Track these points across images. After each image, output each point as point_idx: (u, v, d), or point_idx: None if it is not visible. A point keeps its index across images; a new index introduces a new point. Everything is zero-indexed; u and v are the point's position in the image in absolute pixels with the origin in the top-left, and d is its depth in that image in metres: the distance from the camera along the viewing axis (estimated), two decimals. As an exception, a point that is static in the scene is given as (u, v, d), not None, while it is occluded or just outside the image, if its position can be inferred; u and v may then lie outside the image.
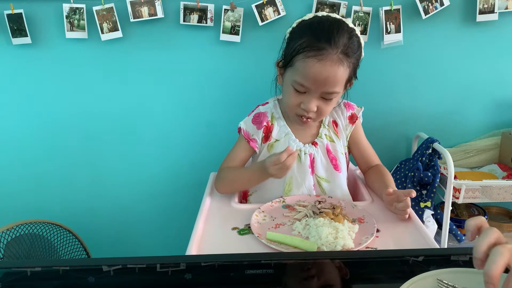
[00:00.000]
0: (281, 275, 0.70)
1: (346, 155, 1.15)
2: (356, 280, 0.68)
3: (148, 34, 1.44)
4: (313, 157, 1.08)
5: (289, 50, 0.97)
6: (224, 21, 1.39)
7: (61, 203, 1.64)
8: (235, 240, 0.85)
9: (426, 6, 1.36)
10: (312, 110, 0.98)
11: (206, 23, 1.39)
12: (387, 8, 1.38)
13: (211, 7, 1.38)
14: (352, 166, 1.24)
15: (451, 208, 1.37)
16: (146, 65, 1.48)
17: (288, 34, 1.00)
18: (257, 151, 1.11)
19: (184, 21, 1.39)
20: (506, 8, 1.39)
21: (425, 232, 0.84)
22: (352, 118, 1.13)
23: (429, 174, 1.37)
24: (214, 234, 0.88)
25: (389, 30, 1.40)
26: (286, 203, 1.01)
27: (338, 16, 0.97)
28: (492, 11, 1.39)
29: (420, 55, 1.47)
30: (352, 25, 0.96)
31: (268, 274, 0.68)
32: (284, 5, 1.37)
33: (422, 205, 1.37)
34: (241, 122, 1.12)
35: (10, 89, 1.50)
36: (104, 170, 1.61)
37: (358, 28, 0.98)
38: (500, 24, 1.43)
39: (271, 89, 1.11)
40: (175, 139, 1.58)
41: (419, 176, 1.38)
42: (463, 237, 1.41)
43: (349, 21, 0.96)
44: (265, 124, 1.09)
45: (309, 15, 0.98)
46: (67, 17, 1.38)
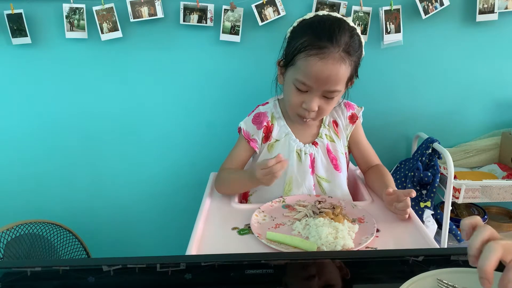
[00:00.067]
0: (281, 275, 0.70)
1: (346, 155, 1.15)
2: (356, 280, 0.68)
3: (148, 34, 1.44)
4: (314, 157, 1.08)
5: (291, 49, 0.97)
6: (224, 21, 1.39)
7: (61, 203, 1.64)
8: (235, 240, 0.85)
9: (426, 6, 1.36)
10: (314, 110, 0.98)
11: (206, 23, 1.39)
12: (387, 8, 1.38)
13: (211, 7, 1.38)
14: (352, 166, 1.24)
15: (451, 208, 1.37)
16: (146, 65, 1.48)
17: (289, 33, 1.00)
18: (257, 151, 1.11)
19: (184, 21, 1.39)
20: (506, 8, 1.39)
21: (425, 232, 0.84)
22: (352, 118, 1.13)
23: (429, 174, 1.37)
24: (214, 234, 0.88)
25: (389, 30, 1.40)
26: (286, 203, 1.01)
27: (339, 15, 0.97)
28: (492, 11, 1.39)
29: (420, 55, 1.47)
30: (353, 24, 0.96)
31: (268, 274, 0.68)
32: (284, 5, 1.37)
33: (422, 205, 1.37)
34: (241, 122, 1.12)
35: (10, 89, 1.50)
36: (104, 170, 1.61)
37: (359, 28, 0.98)
38: (500, 24, 1.43)
39: (272, 89, 1.11)
40: (175, 139, 1.58)
41: (419, 176, 1.38)
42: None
43: (350, 20, 0.96)
44: (265, 124, 1.09)
45: (310, 14, 0.98)
46: (67, 17, 1.38)
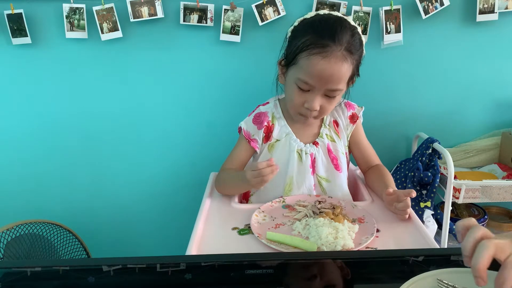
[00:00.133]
0: (281, 275, 0.70)
1: (347, 155, 1.15)
2: (356, 280, 0.68)
3: (148, 34, 1.43)
4: (314, 157, 1.08)
5: (292, 48, 0.96)
6: (224, 21, 1.39)
7: (61, 203, 1.64)
8: (235, 240, 0.85)
9: (426, 6, 1.36)
10: (316, 109, 0.98)
11: (206, 23, 1.39)
12: (387, 8, 1.38)
13: (211, 7, 1.38)
14: (352, 166, 1.24)
15: (451, 208, 1.37)
16: (146, 65, 1.48)
17: (290, 33, 1.00)
18: (258, 151, 1.11)
19: (184, 21, 1.38)
20: (506, 8, 1.39)
21: (425, 232, 0.84)
22: (353, 118, 1.13)
23: (429, 174, 1.36)
24: (214, 234, 0.88)
25: (389, 30, 1.40)
26: (286, 203, 1.01)
27: (340, 14, 0.98)
28: (492, 11, 1.39)
29: (420, 55, 1.47)
30: (353, 23, 0.96)
31: (268, 274, 0.68)
32: (284, 5, 1.37)
33: (422, 205, 1.37)
34: (242, 122, 1.12)
35: (10, 89, 1.50)
36: (104, 170, 1.61)
37: (359, 27, 0.98)
38: (500, 24, 1.43)
39: (272, 89, 1.10)
40: (175, 139, 1.57)
41: (419, 176, 1.38)
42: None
43: (350, 19, 0.96)
44: (266, 124, 1.09)
45: (311, 14, 0.98)
46: (67, 17, 1.37)
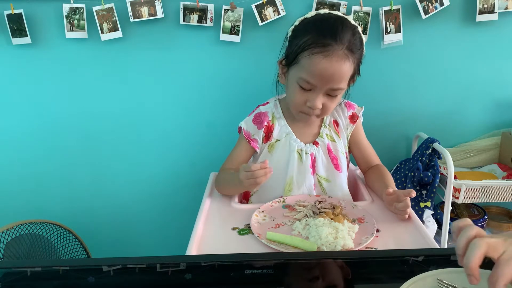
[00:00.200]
0: (281, 275, 0.70)
1: (347, 155, 1.15)
2: (356, 280, 0.68)
3: (148, 34, 1.43)
4: (314, 157, 1.08)
5: (293, 48, 0.96)
6: (224, 21, 1.39)
7: (61, 203, 1.64)
8: (235, 240, 0.85)
9: (426, 6, 1.36)
10: (318, 107, 0.98)
11: (206, 23, 1.39)
12: (387, 8, 1.38)
13: (211, 7, 1.38)
14: (352, 166, 1.24)
15: (451, 208, 1.37)
16: (146, 65, 1.48)
17: (291, 32, 1.00)
18: (258, 151, 1.11)
19: (184, 21, 1.38)
20: (506, 8, 1.39)
21: (425, 232, 0.84)
22: (353, 118, 1.13)
23: (429, 174, 1.36)
24: (214, 234, 0.88)
25: (389, 30, 1.40)
26: (286, 203, 1.01)
27: (340, 13, 0.98)
28: (492, 11, 1.39)
29: (420, 55, 1.47)
30: (354, 22, 0.96)
31: (268, 274, 0.68)
32: (284, 5, 1.37)
33: (422, 205, 1.37)
34: (242, 122, 1.12)
35: (10, 89, 1.50)
36: (104, 170, 1.61)
37: (359, 26, 0.99)
38: (500, 24, 1.43)
39: (272, 89, 1.10)
40: (175, 139, 1.57)
41: (419, 176, 1.38)
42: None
43: (351, 18, 0.97)
44: (266, 124, 1.09)
45: (311, 13, 0.98)
46: (67, 17, 1.37)
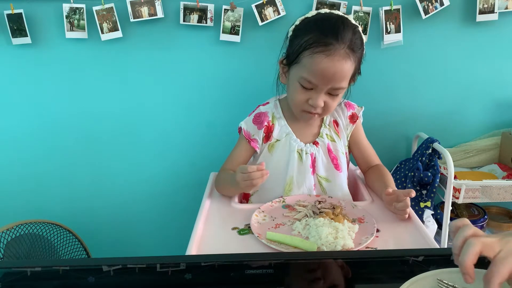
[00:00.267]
0: (281, 275, 0.70)
1: (347, 155, 1.15)
2: (356, 280, 0.68)
3: (148, 34, 1.43)
4: (315, 157, 1.08)
5: (294, 47, 0.96)
6: (224, 21, 1.39)
7: (61, 203, 1.64)
8: (235, 240, 0.85)
9: (426, 6, 1.36)
10: (320, 106, 0.98)
11: (206, 23, 1.39)
12: (387, 8, 1.38)
13: (211, 7, 1.38)
14: (352, 166, 1.24)
15: (451, 208, 1.37)
16: (146, 65, 1.48)
17: (292, 32, 1.00)
18: (258, 151, 1.11)
19: (184, 21, 1.38)
20: (506, 8, 1.39)
21: (425, 232, 0.84)
22: (353, 118, 1.13)
23: (429, 174, 1.36)
24: (214, 234, 0.88)
25: (389, 30, 1.40)
26: (286, 203, 1.01)
27: (340, 13, 0.98)
28: (492, 11, 1.39)
29: (420, 55, 1.47)
30: (354, 22, 0.96)
31: (268, 274, 0.68)
32: (284, 5, 1.37)
33: (422, 205, 1.37)
34: (242, 122, 1.12)
35: (10, 89, 1.50)
36: (104, 170, 1.61)
37: (359, 26, 0.99)
38: (500, 24, 1.43)
39: (273, 89, 1.10)
40: (175, 139, 1.57)
41: (419, 176, 1.38)
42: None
43: (351, 18, 0.97)
44: (266, 124, 1.09)
45: (312, 13, 0.98)
46: (67, 17, 1.37)
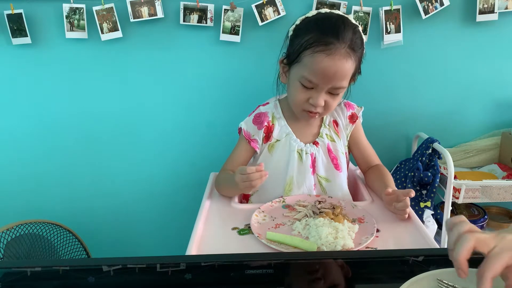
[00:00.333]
0: (281, 275, 0.70)
1: (347, 155, 1.15)
2: (356, 280, 0.68)
3: (148, 34, 1.44)
4: (315, 157, 1.08)
5: (295, 47, 0.96)
6: (224, 21, 1.39)
7: (61, 203, 1.64)
8: (235, 240, 0.85)
9: (426, 6, 1.36)
10: (321, 105, 0.98)
11: (206, 23, 1.39)
12: (387, 8, 1.38)
13: (211, 7, 1.38)
14: (352, 166, 1.24)
15: (451, 208, 1.37)
16: (146, 65, 1.48)
17: (292, 32, 1.00)
18: (258, 151, 1.11)
19: (184, 21, 1.38)
20: (506, 8, 1.39)
21: (425, 232, 0.84)
22: (352, 118, 1.13)
23: (429, 174, 1.36)
24: (214, 234, 0.88)
25: (389, 30, 1.40)
26: (286, 203, 1.01)
27: (341, 13, 0.98)
28: (492, 11, 1.39)
29: (420, 55, 1.47)
30: (354, 21, 0.96)
31: (268, 274, 0.68)
32: (284, 5, 1.37)
33: (422, 205, 1.37)
34: (242, 123, 1.11)
35: (10, 89, 1.50)
36: (104, 170, 1.61)
37: (359, 25, 0.99)
38: (500, 24, 1.43)
39: (273, 89, 1.10)
40: (175, 139, 1.57)
41: (419, 176, 1.38)
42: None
43: (351, 17, 0.97)
44: (266, 124, 1.09)
45: (312, 12, 0.98)
46: (67, 17, 1.37)
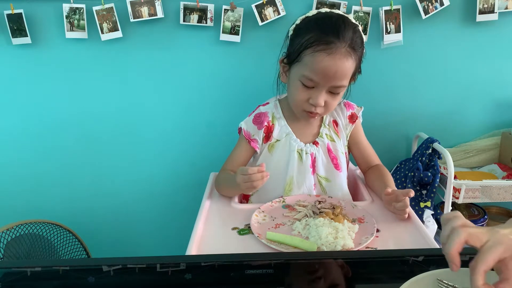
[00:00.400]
0: (281, 275, 0.70)
1: (346, 155, 1.15)
2: (356, 280, 0.68)
3: (148, 34, 1.43)
4: (315, 157, 1.08)
5: (295, 46, 0.97)
6: (224, 21, 1.39)
7: (61, 203, 1.64)
8: (235, 240, 0.85)
9: (426, 6, 1.36)
10: (321, 105, 0.98)
11: (206, 23, 1.39)
12: (387, 8, 1.38)
13: (211, 7, 1.38)
14: (352, 166, 1.25)
15: (451, 208, 1.37)
16: (146, 65, 1.48)
17: (292, 31, 1.01)
18: (258, 151, 1.11)
19: (184, 21, 1.38)
20: (506, 8, 1.39)
21: (425, 232, 0.84)
22: (352, 118, 1.13)
23: (429, 174, 1.36)
24: (214, 234, 0.88)
25: (389, 30, 1.40)
26: (286, 203, 1.01)
27: (341, 12, 0.98)
28: (492, 11, 1.39)
29: (420, 55, 1.47)
30: (354, 21, 0.96)
31: (268, 274, 0.68)
32: (284, 5, 1.37)
33: (422, 205, 1.37)
34: (242, 123, 1.12)
35: (10, 89, 1.50)
36: (104, 170, 1.61)
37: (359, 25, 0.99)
38: (500, 24, 1.43)
39: (273, 88, 1.10)
40: (175, 139, 1.57)
41: (419, 176, 1.38)
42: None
43: (351, 17, 0.97)
44: (266, 124, 1.09)
45: (312, 12, 0.99)
46: (67, 17, 1.37)
